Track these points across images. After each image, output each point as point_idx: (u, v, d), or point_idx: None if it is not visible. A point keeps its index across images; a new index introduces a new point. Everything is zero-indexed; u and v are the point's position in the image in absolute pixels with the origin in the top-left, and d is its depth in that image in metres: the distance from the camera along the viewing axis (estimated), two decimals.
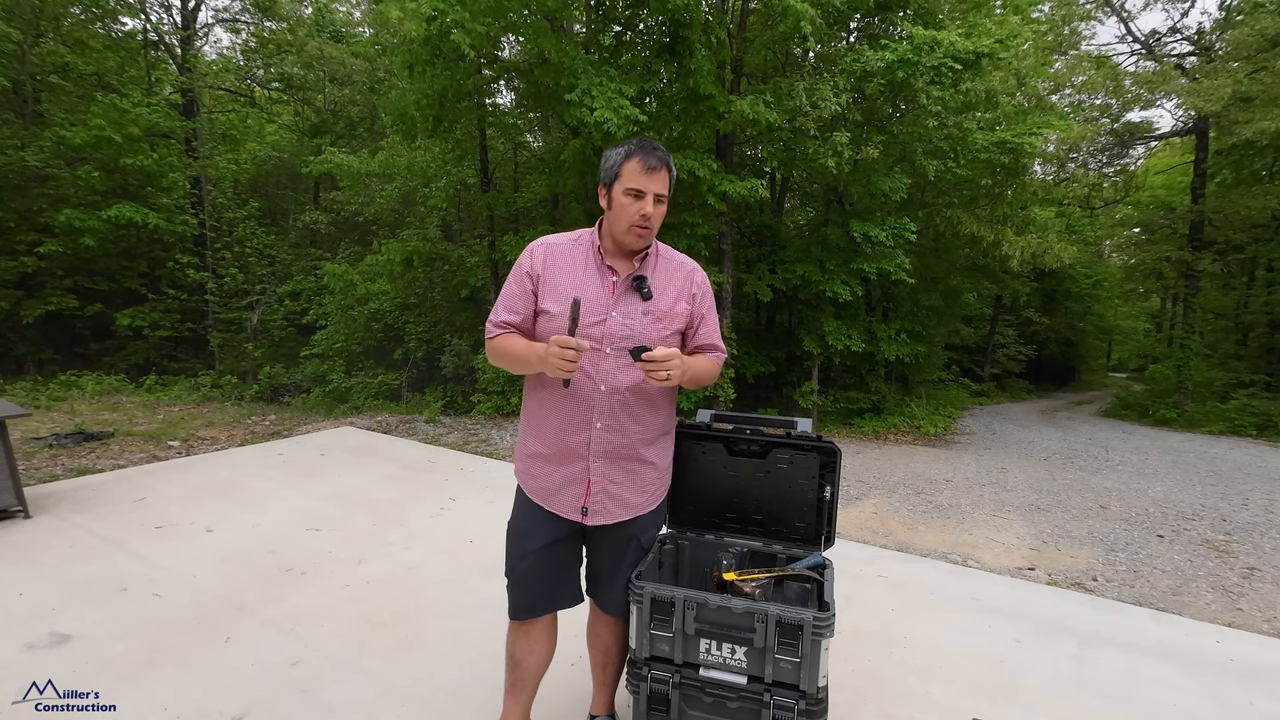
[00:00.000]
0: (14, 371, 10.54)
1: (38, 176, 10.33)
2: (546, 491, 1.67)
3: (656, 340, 1.59)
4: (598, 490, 1.63)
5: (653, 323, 1.59)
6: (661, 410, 1.71)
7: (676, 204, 8.08)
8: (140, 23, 12.42)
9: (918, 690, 2.32)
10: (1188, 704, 2.30)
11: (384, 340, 10.69)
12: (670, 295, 1.63)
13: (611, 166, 1.56)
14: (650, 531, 1.77)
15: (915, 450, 8.01)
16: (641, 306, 1.58)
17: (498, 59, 8.39)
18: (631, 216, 1.53)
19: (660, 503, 1.79)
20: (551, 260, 1.62)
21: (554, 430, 1.63)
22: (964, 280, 12.44)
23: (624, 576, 1.75)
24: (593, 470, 1.62)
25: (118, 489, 4.23)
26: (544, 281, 1.61)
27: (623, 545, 1.73)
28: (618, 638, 1.87)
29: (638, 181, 1.51)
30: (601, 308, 1.57)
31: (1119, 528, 4.88)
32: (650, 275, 1.62)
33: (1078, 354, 23.73)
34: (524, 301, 1.61)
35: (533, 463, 1.69)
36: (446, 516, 3.94)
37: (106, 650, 2.38)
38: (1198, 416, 12.19)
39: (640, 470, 1.68)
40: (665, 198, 1.56)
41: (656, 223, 1.57)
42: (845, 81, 7.40)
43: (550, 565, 1.71)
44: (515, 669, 1.78)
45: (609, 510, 1.66)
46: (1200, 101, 11.28)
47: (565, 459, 1.63)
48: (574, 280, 1.59)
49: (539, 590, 1.71)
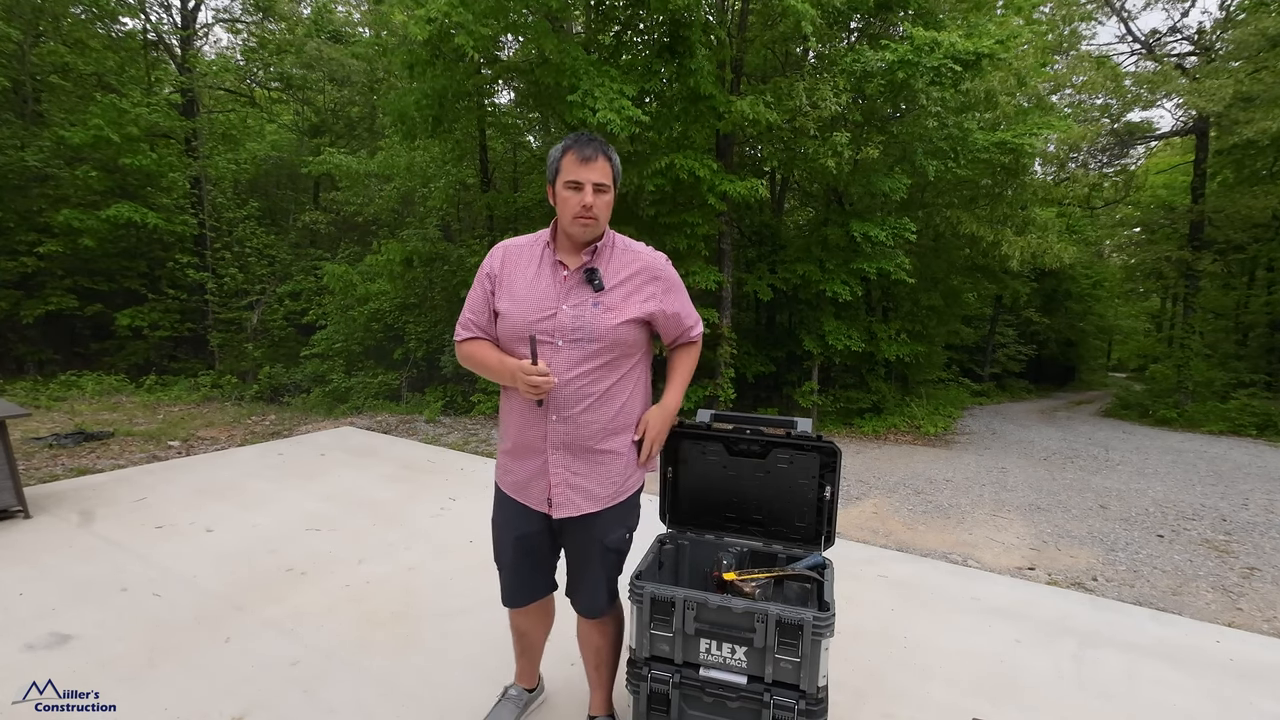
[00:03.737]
0: (14, 371, 10.54)
1: (37, 176, 10.33)
2: (518, 485, 1.71)
3: (605, 329, 1.59)
4: (559, 482, 1.65)
5: (604, 313, 1.60)
6: (621, 402, 1.68)
7: (676, 204, 8.07)
8: (140, 23, 12.42)
9: (918, 690, 2.32)
10: (1188, 704, 2.30)
11: (384, 340, 10.69)
12: (625, 286, 1.64)
13: (552, 163, 1.61)
14: (617, 531, 1.73)
15: (915, 450, 8.01)
16: (593, 298, 1.60)
17: (497, 59, 8.39)
18: (573, 208, 1.56)
19: (629, 498, 1.75)
20: (509, 260, 1.67)
21: (515, 426, 1.68)
22: (964, 280, 12.44)
23: (592, 579, 1.75)
24: (552, 462, 1.64)
25: (118, 489, 4.23)
26: (500, 281, 1.66)
27: (588, 545, 1.72)
28: (607, 637, 1.87)
29: (575, 173, 1.55)
30: (550, 302, 1.60)
31: (1119, 528, 4.88)
32: (603, 266, 1.64)
33: (1078, 354, 23.72)
34: (485, 303, 1.67)
35: (504, 459, 1.75)
36: (446, 516, 3.94)
37: (106, 650, 2.38)
38: (1198, 416, 12.19)
39: (604, 460, 1.67)
40: (606, 187, 1.59)
41: (601, 212, 1.59)
42: (845, 81, 7.40)
43: (527, 555, 1.77)
44: (521, 639, 1.96)
45: (573, 502, 1.66)
46: (1201, 101, 11.28)
47: (527, 453, 1.67)
48: (527, 278, 1.64)
49: (520, 579, 1.80)
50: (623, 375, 1.66)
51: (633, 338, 1.65)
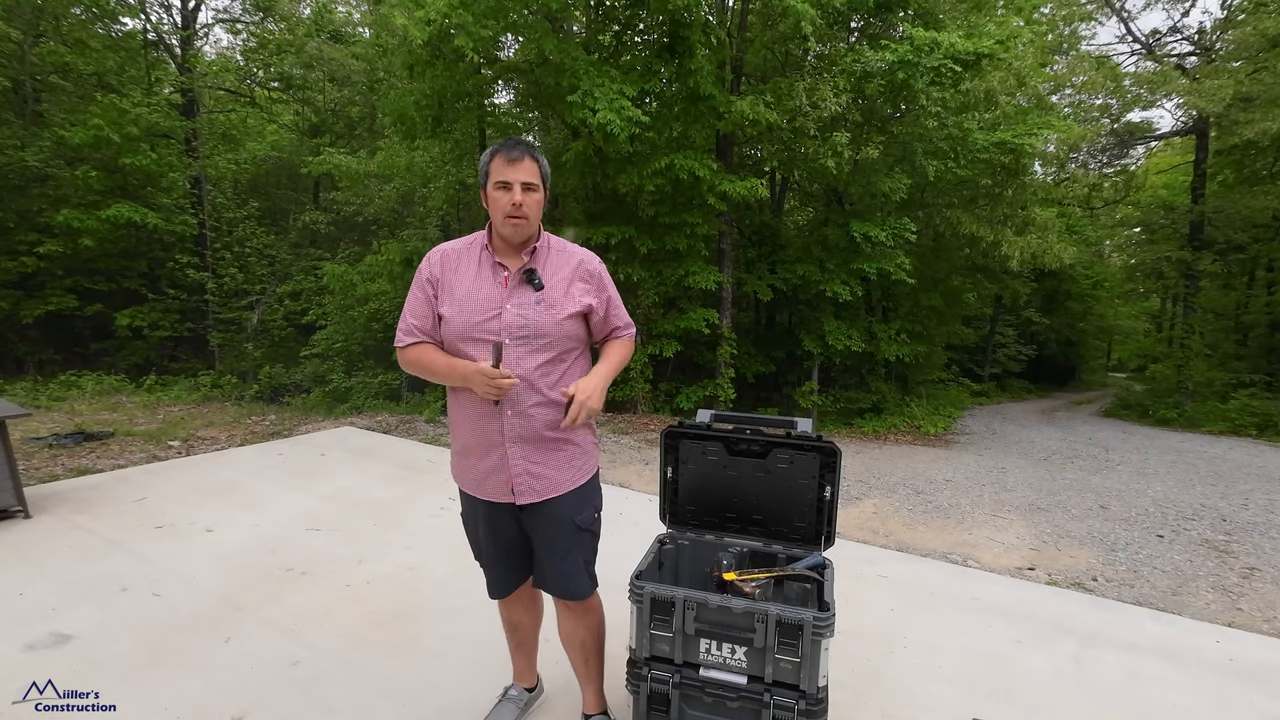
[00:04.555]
0: (14, 371, 10.54)
1: (37, 176, 10.33)
2: (475, 482, 1.74)
3: (550, 325, 1.65)
4: (520, 472, 1.68)
5: (547, 309, 1.65)
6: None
7: (676, 204, 8.07)
8: (140, 23, 12.43)
9: (918, 690, 2.31)
10: (1188, 704, 2.30)
11: (384, 340, 10.69)
12: (562, 283, 1.70)
13: (482, 168, 1.65)
14: (585, 511, 1.77)
15: (915, 450, 8.01)
16: (534, 296, 1.65)
17: (497, 59, 8.40)
18: (504, 208, 1.60)
19: (589, 480, 1.79)
20: (448, 265, 1.70)
21: (469, 424, 1.70)
22: (964, 280, 12.45)
23: (566, 559, 1.76)
24: (510, 454, 1.67)
25: (118, 489, 4.23)
26: (442, 286, 1.69)
27: (557, 525, 1.74)
28: (590, 630, 1.87)
29: (503, 174, 1.59)
30: (494, 303, 1.64)
31: (1119, 528, 4.88)
32: (540, 267, 1.69)
33: (1078, 354, 23.74)
34: (426, 307, 1.70)
35: (459, 459, 1.78)
36: (446, 516, 3.94)
37: (106, 650, 2.38)
38: (1198, 416, 12.20)
39: (561, 448, 1.72)
40: (535, 186, 1.63)
41: (532, 211, 1.63)
42: (845, 82, 7.40)
43: (500, 545, 1.81)
44: (514, 632, 1.99)
45: (535, 489, 1.70)
46: (1201, 102, 11.28)
47: (484, 450, 1.69)
48: (468, 281, 1.67)
49: (500, 570, 1.84)
50: (568, 367, 1.72)
51: (576, 331, 1.71)
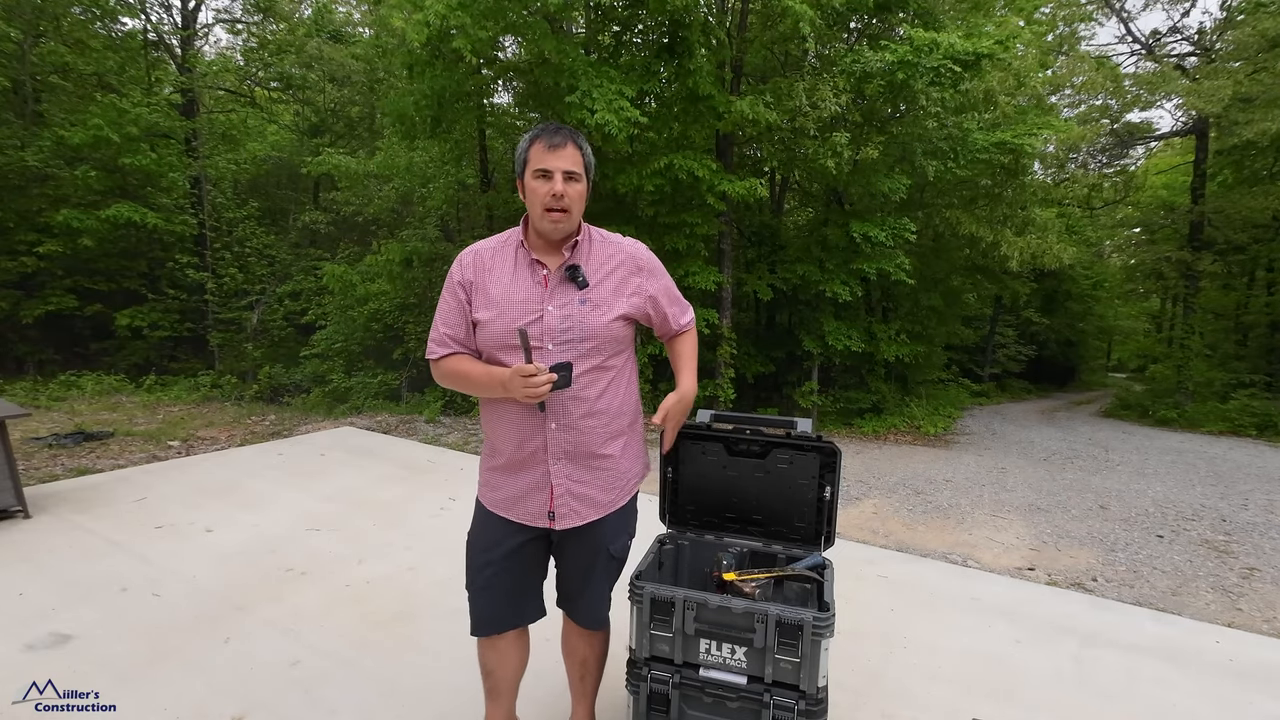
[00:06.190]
0: (14, 371, 10.53)
1: (37, 176, 10.32)
2: (509, 502, 1.60)
3: (598, 327, 1.51)
4: (562, 492, 1.57)
5: (591, 310, 1.52)
6: (619, 401, 1.62)
7: (676, 204, 8.07)
8: (140, 23, 12.42)
9: (918, 690, 2.32)
10: (1188, 704, 2.30)
11: (384, 340, 10.69)
12: (611, 280, 1.56)
13: (520, 154, 1.52)
14: (621, 539, 1.68)
15: (915, 450, 8.01)
16: (578, 295, 1.52)
17: (497, 59, 8.39)
18: (543, 198, 1.47)
19: (629, 502, 1.70)
20: (481, 266, 1.57)
21: (510, 439, 1.57)
22: (964, 280, 12.44)
23: (597, 588, 1.70)
24: (554, 473, 1.55)
25: (118, 489, 4.23)
26: (476, 289, 1.55)
27: (592, 553, 1.66)
28: (595, 649, 1.82)
29: (543, 161, 1.46)
30: (534, 304, 1.51)
31: (1119, 528, 4.88)
32: (584, 262, 1.55)
33: (1078, 354, 23.72)
34: (459, 314, 1.57)
35: (493, 475, 1.64)
36: (446, 516, 3.94)
37: (106, 650, 2.38)
38: (1198, 416, 12.19)
39: (606, 465, 1.61)
40: (578, 175, 1.49)
41: (575, 204, 1.50)
42: (845, 82, 7.41)
43: (513, 574, 1.64)
44: (489, 678, 1.76)
45: (577, 511, 1.59)
46: (1201, 102, 11.29)
47: (525, 466, 1.57)
48: (504, 283, 1.53)
49: (500, 602, 1.66)
50: (615, 374, 1.59)
51: (624, 334, 1.58)
